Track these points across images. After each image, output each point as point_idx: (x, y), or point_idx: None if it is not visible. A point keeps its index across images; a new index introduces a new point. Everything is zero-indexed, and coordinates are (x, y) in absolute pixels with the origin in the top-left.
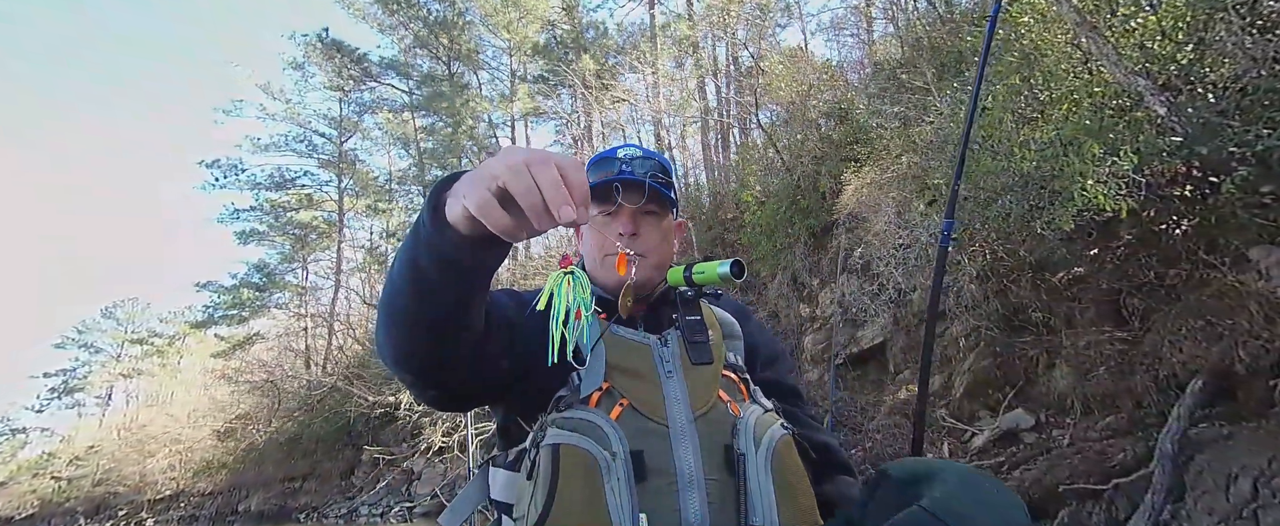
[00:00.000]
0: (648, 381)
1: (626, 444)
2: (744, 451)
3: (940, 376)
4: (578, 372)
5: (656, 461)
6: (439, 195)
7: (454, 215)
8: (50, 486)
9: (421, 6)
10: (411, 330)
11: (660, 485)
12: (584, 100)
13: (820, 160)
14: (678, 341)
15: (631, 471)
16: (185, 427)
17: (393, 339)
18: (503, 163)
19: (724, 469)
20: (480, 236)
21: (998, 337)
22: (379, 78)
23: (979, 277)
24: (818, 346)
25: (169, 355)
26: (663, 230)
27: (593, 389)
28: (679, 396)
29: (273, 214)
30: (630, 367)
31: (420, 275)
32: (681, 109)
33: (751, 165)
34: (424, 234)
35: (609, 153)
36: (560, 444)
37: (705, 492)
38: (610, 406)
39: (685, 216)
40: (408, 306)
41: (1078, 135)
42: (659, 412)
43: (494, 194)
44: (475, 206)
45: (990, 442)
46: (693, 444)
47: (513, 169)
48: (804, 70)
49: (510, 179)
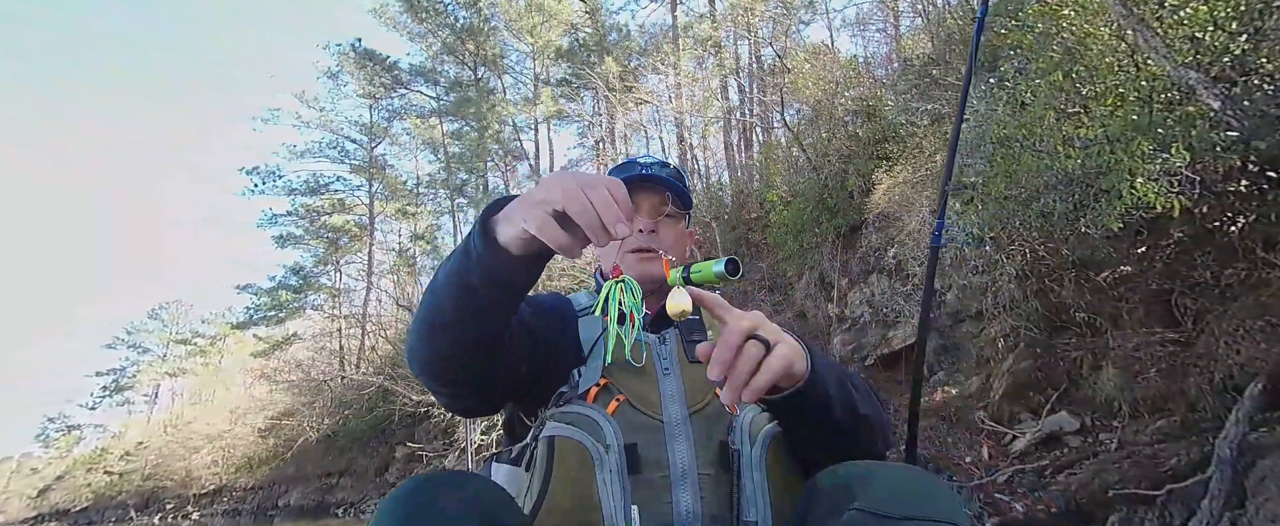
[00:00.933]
0: (645, 377)
1: (621, 437)
2: (739, 448)
3: (978, 378)
4: (579, 369)
5: (650, 455)
6: (488, 219)
7: (508, 237)
8: (103, 480)
9: (449, 14)
10: (457, 344)
11: (653, 478)
12: (607, 102)
13: (848, 159)
14: (676, 339)
15: (624, 464)
16: (227, 424)
17: (435, 353)
18: (557, 187)
19: (719, 465)
20: (530, 254)
21: (1039, 338)
22: (408, 85)
23: (1018, 277)
24: (847, 347)
25: (211, 355)
26: (678, 232)
27: (591, 384)
28: (675, 392)
29: (308, 218)
30: (628, 364)
31: (470, 293)
32: (703, 108)
33: (776, 164)
34: (476, 254)
35: (630, 161)
36: (556, 436)
37: (698, 487)
38: (607, 401)
39: (709, 216)
40: (454, 322)
41: (1125, 131)
42: (654, 408)
43: (552, 216)
44: (536, 227)
45: (1032, 445)
46: (687, 439)
47: (569, 193)
48: (830, 67)
49: (568, 202)
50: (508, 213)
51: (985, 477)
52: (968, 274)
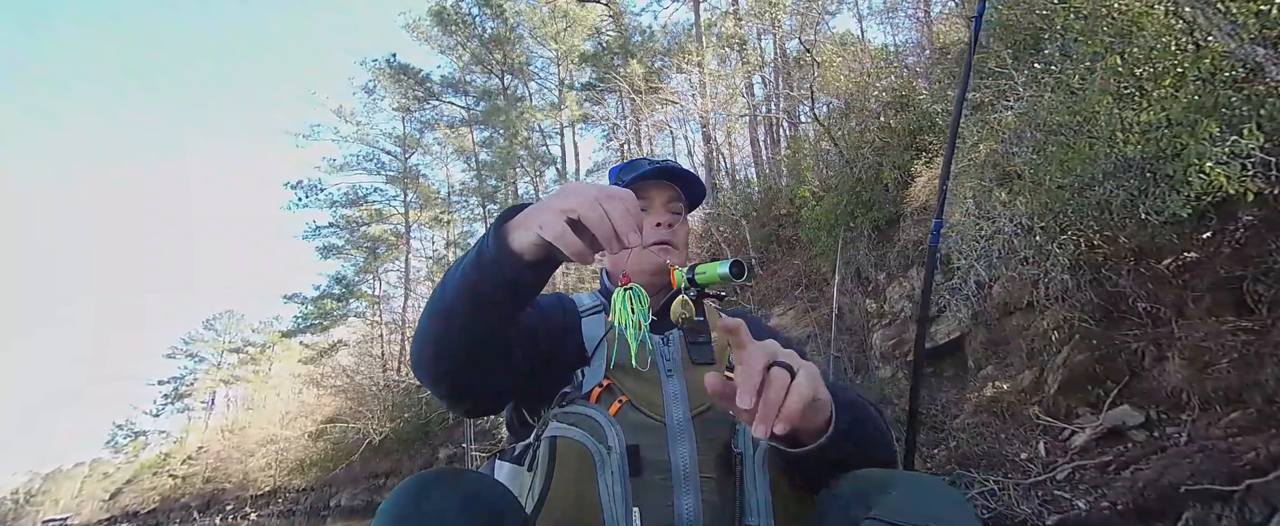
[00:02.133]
0: (648, 379)
1: (623, 438)
2: (742, 451)
3: (1030, 372)
4: (582, 370)
5: (652, 457)
6: (501, 226)
7: (523, 243)
8: (168, 483)
9: (477, 25)
10: (463, 347)
11: (655, 480)
12: (632, 104)
13: (882, 151)
14: (680, 341)
15: (626, 466)
16: (279, 429)
17: (443, 356)
18: (573, 197)
19: (721, 467)
20: (540, 260)
21: (1095, 330)
22: (440, 96)
23: (1072, 267)
24: (888, 343)
25: (262, 363)
26: (686, 229)
27: (594, 385)
28: (678, 394)
29: (348, 229)
30: (631, 365)
31: (480, 297)
32: (728, 105)
33: (806, 159)
34: (489, 259)
35: (636, 160)
36: (557, 436)
37: (700, 490)
38: (610, 402)
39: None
40: (464, 325)
41: (1188, 114)
42: (657, 409)
43: (567, 223)
44: (554, 235)
45: (1093, 441)
46: (690, 441)
47: (586, 203)
48: (860, 58)
49: (585, 211)
50: (523, 220)
51: (1043, 474)
52: (1016, 265)
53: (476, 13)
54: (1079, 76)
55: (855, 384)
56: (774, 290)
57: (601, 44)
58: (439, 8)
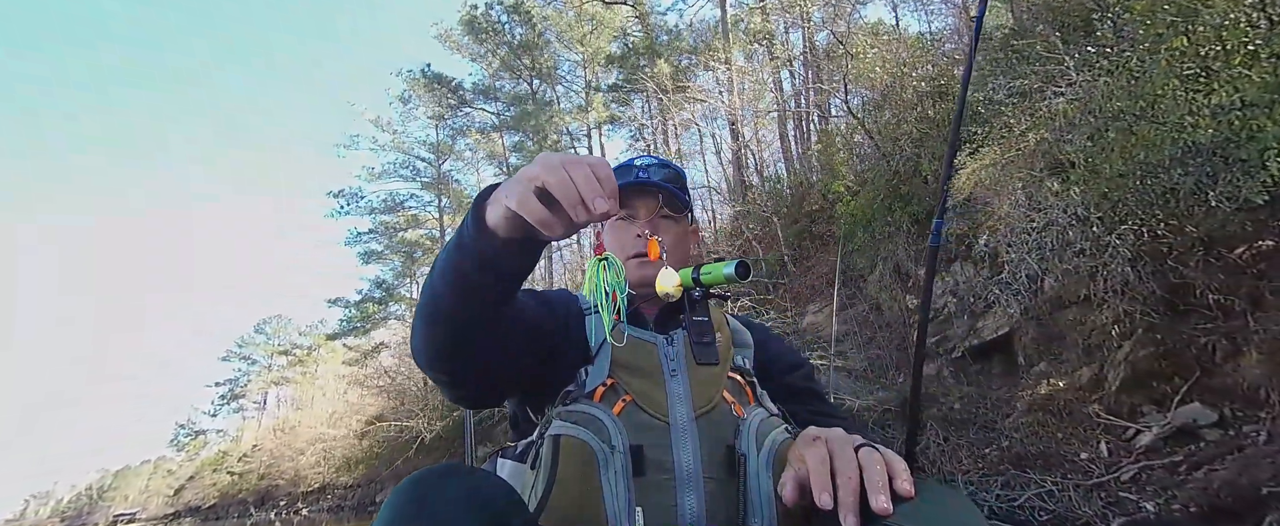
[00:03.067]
0: (652, 378)
1: (626, 438)
2: (745, 452)
3: (1088, 368)
4: (586, 368)
5: (655, 457)
6: (480, 205)
7: (495, 218)
8: (226, 480)
9: (506, 32)
10: (451, 331)
11: (658, 480)
12: (660, 103)
13: (920, 143)
14: (684, 341)
15: (629, 465)
16: (327, 428)
17: (433, 341)
18: (539, 165)
19: (725, 468)
20: (519, 239)
21: (1159, 323)
22: (472, 103)
23: (1133, 258)
24: (931, 339)
25: (309, 364)
26: (679, 233)
27: (598, 384)
28: (682, 394)
29: (387, 234)
30: (635, 364)
31: (463, 278)
32: (756, 101)
33: (839, 153)
34: (468, 238)
35: (627, 162)
36: (561, 435)
37: (703, 491)
38: (614, 401)
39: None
40: (449, 309)
41: (1264, 95)
42: (661, 409)
43: (533, 192)
44: (516, 202)
45: (1161, 440)
46: (693, 442)
47: (550, 168)
48: (895, 48)
49: (548, 177)
50: (496, 194)
51: (1106, 475)
52: (1071, 257)
53: (506, 20)
54: (1137, 59)
55: (897, 381)
56: (808, 287)
57: (628, 45)
58: (470, 16)
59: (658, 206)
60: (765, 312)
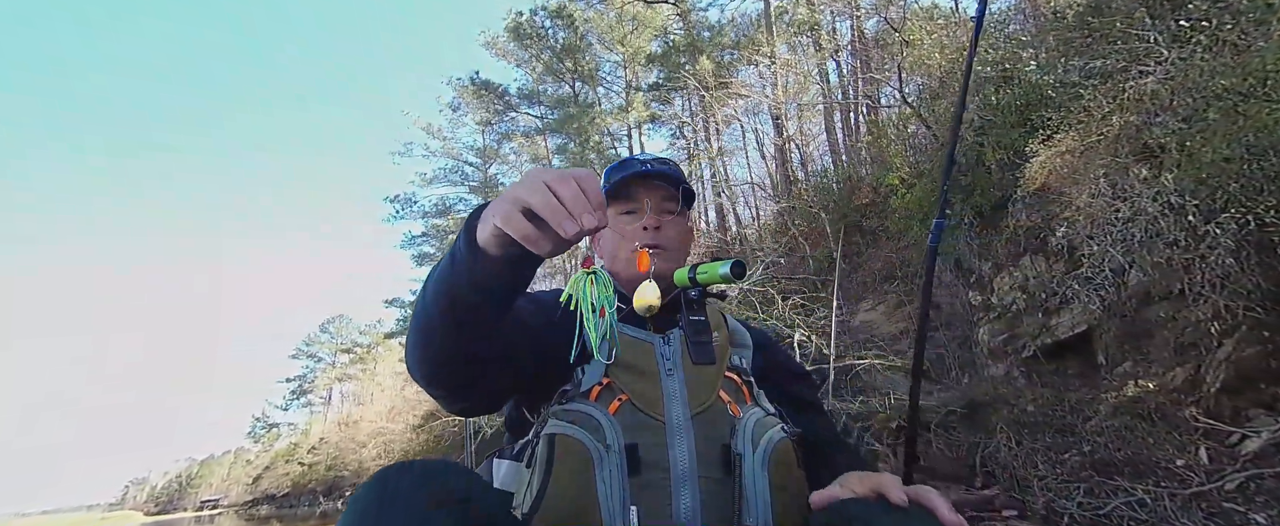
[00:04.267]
0: (648, 378)
1: (621, 437)
2: (741, 451)
3: (1183, 369)
4: (583, 367)
5: (651, 456)
6: (472, 224)
7: (485, 236)
8: (298, 470)
9: (550, 36)
10: (445, 350)
11: (654, 479)
12: (702, 100)
13: (983, 131)
14: (680, 340)
15: (625, 464)
16: (386, 422)
17: (428, 358)
18: (524, 184)
19: (720, 467)
20: (510, 257)
21: (1267, 320)
22: (517, 108)
23: (1236, 249)
24: (997, 338)
25: (368, 362)
26: (681, 228)
27: (594, 383)
28: (678, 393)
29: (438, 237)
30: (632, 363)
31: (454, 298)
32: (801, 94)
33: (893, 145)
34: (460, 258)
35: (629, 159)
36: (556, 434)
37: (698, 490)
38: (609, 400)
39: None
40: (441, 328)
41: None
42: (657, 408)
43: (520, 211)
44: (501, 219)
45: (1271, 446)
46: (688, 441)
47: (534, 187)
48: (954, 32)
49: (531, 197)
50: (485, 213)
51: (1206, 484)
52: (1162, 249)
53: (549, 25)
54: (1239, 32)
55: (961, 381)
56: (859, 284)
57: (668, 43)
58: (515, 23)
59: (667, 198)
60: (815, 310)
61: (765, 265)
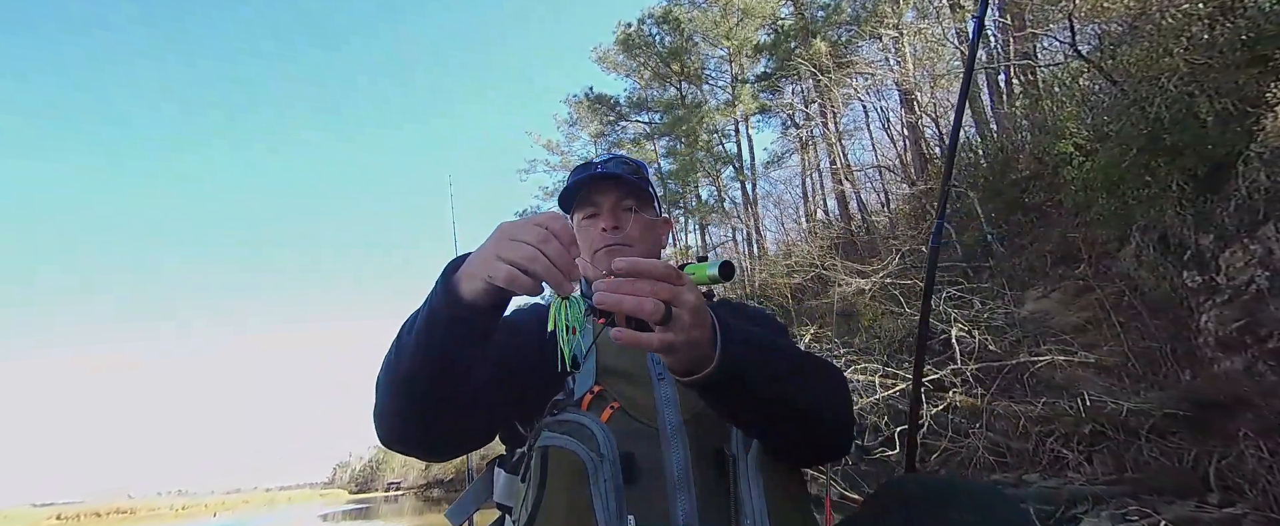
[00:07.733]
0: (639, 384)
1: (616, 446)
2: (735, 454)
3: None
4: (573, 377)
5: (646, 463)
6: (449, 278)
7: (473, 292)
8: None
9: (656, 43)
10: (426, 403)
11: (650, 487)
12: (817, 84)
13: (1193, 78)
14: None
15: (620, 473)
16: None
17: (408, 418)
18: (512, 251)
19: (715, 471)
20: (495, 303)
21: None
22: (628, 116)
23: None
24: (1229, 325)
25: None
26: (645, 223)
27: (585, 392)
28: (670, 399)
29: None
30: (622, 370)
31: (436, 348)
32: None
33: (1066, 106)
34: (441, 314)
35: (585, 163)
36: (549, 446)
37: (695, 495)
38: (601, 409)
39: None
40: (423, 380)
41: None
42: (650, 415)
43: (516, 268)
44: (504, 280)
45: None
46: (683, 446)
47: (527, 258)
48: None
49: (526, 265)
50: (469, 269)
51: None
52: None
53: (655, 32)
54: None
55: (1178, 379)
56: (1024, 269)
57: (778, 29)
58: (625, 36)
59: (622, 197)
60: (971, 302)
61: (902, 254)
